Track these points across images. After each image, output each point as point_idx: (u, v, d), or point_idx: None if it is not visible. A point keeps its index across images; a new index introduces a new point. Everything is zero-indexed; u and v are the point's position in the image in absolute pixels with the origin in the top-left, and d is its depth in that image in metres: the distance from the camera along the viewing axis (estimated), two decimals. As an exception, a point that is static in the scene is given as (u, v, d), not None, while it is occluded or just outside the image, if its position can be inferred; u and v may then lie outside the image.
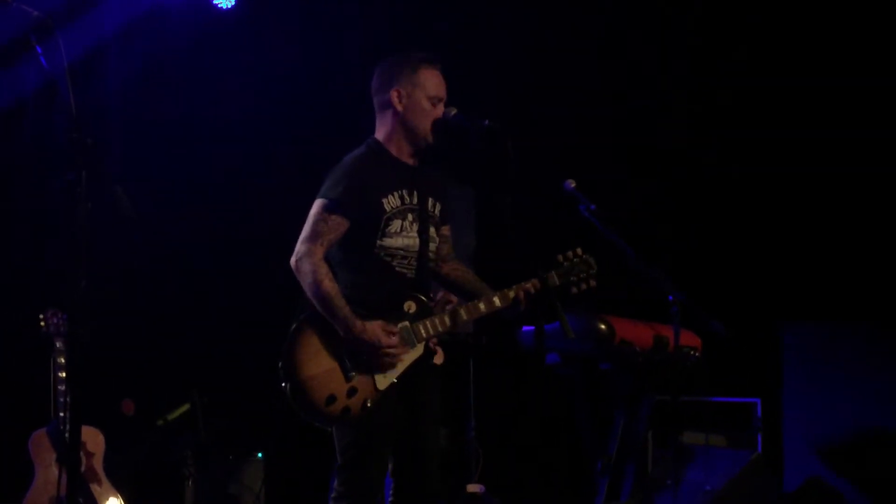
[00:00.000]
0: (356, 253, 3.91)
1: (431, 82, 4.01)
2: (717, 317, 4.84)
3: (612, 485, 5.29)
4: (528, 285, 3.99)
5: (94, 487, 5.34)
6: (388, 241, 3.92)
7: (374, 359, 3.82)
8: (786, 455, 6.40)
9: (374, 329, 3.81)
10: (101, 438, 5.45)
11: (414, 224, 3.99)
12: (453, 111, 3.99)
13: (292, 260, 3.88)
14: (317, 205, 3.92)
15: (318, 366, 3.78)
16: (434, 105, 3.99)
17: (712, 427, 6.04)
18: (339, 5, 7.10)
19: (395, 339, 3.84)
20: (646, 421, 5.54)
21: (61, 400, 5.21)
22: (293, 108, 7.04)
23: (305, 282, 3.83)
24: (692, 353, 4.92)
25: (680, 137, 7.03)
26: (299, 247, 3.88)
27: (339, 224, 3.87)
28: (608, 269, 4.28)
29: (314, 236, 3.86)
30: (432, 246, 4.06)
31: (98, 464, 5.41)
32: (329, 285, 3.80)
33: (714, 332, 4.86)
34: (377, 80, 4.08)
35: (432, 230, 4.06)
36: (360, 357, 3.82)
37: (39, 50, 3.38)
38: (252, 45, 7.00)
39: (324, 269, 3.82)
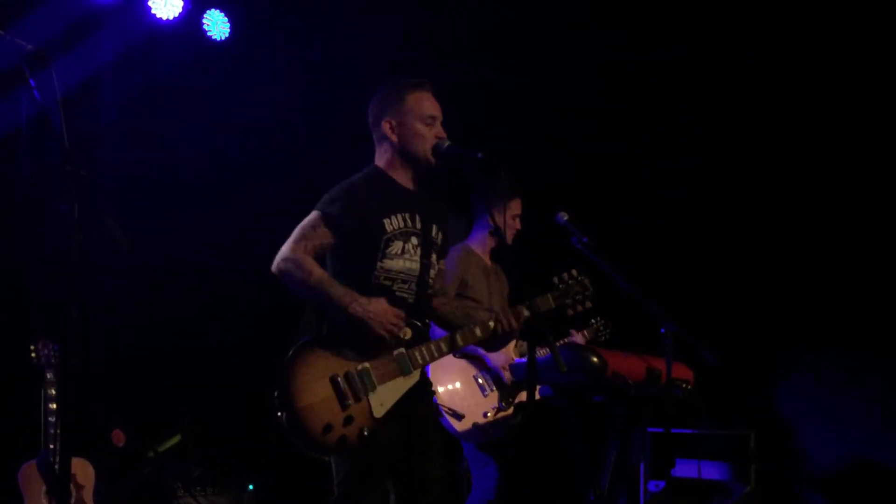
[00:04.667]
0: (356, 276, 3.89)
1: (421, 104, 4.01)
2: (710, 348, 4.84)
3: (604, 517, 5.27)
4: (516, 312, 4.01)
5: (84, 519, 5.31)
6: (388, 263, 3.92)
7: (380, 330, 3.77)
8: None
9: (381, 303, 3.79)
10: (91, 470, 5.41)
11: (417, 248, 3.98)
12: (447, 142, 3.99)
13: (274, 266, 3.87)
14: (311, 214, 3.94)
15: (314, 395, 3.74)
16: (429, 125, 4.00)
17: (705, 459, 6.03)
18: (333, 36, 7.14)
19: (401, 317, 3.82)
20: (638, 453, 5.52)
21: (51, 431, 5.18)
22: (287, 138, 7.07)
23: (294, 278, 3.82)
24: (684, 385, 4.91)
25: (675, 165, 7.06)
26: (283, 249, 3.88)
27: (325, 236, 3.88)
28: (601, 301, 4.29)
29: (299, 239, 3.88)
30: (432, 272, 4.05)
31: (88, 495, 5.37)
32: (318, 272, 3.80)
33: (707, 364, 4.85)
34: (370, 114, 4.10)
35: (434, 257, 4.05)
36: (358, 383, 3.78)
37: (33, 83, 3.38)
38: (246, 76, 7.03)
39: (308, 260, 3.82)
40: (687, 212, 7.02)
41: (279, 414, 3.75)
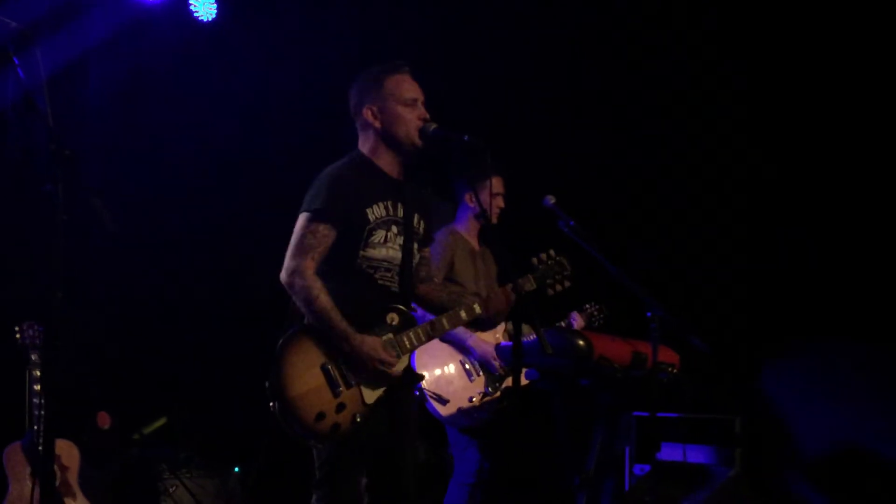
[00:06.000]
0: (339, 263, 3.88)
1: (400, 87, 4.00)
2: (698, 332, 4.85)
3: (589, 501, 5.28)
4: (505, 291, 4.04)
5: (69, 501, 5.30)
6: (370, 252, 3.91)
7: (371, 371, 3.80)
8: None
9: (374, 343, 3.80)
10: (76, 452, 5.41)
11: (398, 237, 3.97)
12: (433, 126, 3.97)
13: (283, 276, 3.83)
14: (301, 218, 3.89)
15: (306, 383, 3.74)
16: (410, 106, 3.98)
17: (691, 443, 6.05)
18: (320, 17, 7.11)
19: (392, 355, 3.83)
20: (624, 437, 5.54)
21: (36, 413, 5.17)
22: (274, 120, 7.04)
23: (299, 298, 3.80)
24: (670, 369, 4.92)
25: (667, 150, 7.06)
26: (288, 263, 3.83)
27: (326, 235, 3.85)
28: (588, 284, 4.29)
29: (302, 251, 3.83)
30: (415, 261, 4.05)
31: (73, 477, 5.36)
32: (324, 300, 3.77)
33: (695, 348, 4.86)
34: (350, 102, 4.08)
35: (416, 245, 4.05)
36: (350, 371, 3.79)
37: (17, 61, 3.36)
38: (233, 57, 7.00)
39: (318, 285, 3.79)
40: (678, 198, 7.02)
41: (271, 404, 3.75)
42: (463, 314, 4.04)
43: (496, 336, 5.51)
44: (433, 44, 6.98)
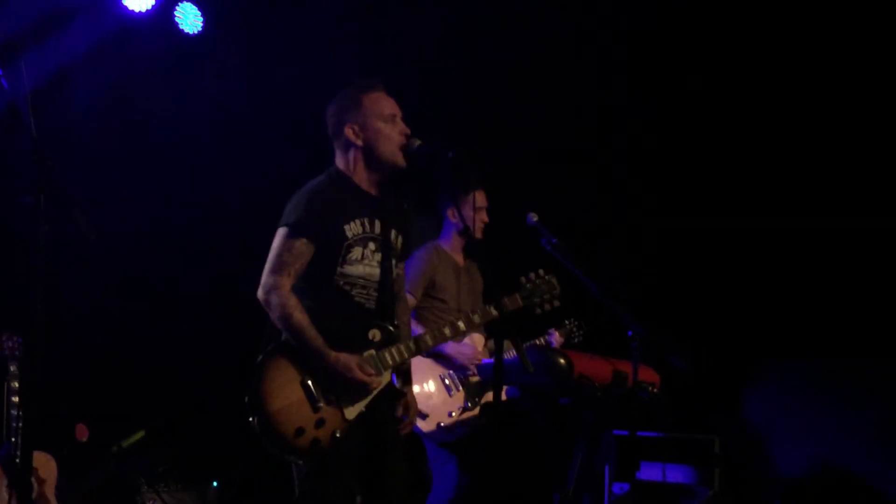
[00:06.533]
0: (315, 280, 3.88)
1: (378, 104, 4.00)
2: (678, 353, 4.86)
3: (568, 519, 5.28)
4: (485, 311, 4.06)
5: (46, 514, 5.28)
6: (348, 269, 3.90)
7: (350, 387, 3.79)
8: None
9: (348, 360, 3.78)
10: (53, 464, 5.38)
11: (376, 253, 3.97)
12: (417, 142, 3.98)
13: (259, 293, 3.83)
14: (279, 234, 3.88)
15: (286, 398, 3.73)
16: (390, 122, 3.99)
17: (670, 462, 6.06)
18: (304, 30, 7.11)
19: (369, 372, 3.81)
20: (604, 456, 5.54)
21: (14, 425, 5.14)
22: (258, 134, 7.04)
23: (275, 315, 3.80)
24: (650, 388, 4.93)
25: (648, 172, 7.08)
26: (265, 279, 3.83)
27: (303, 251, 3.84)
28: (572, 302, 4.31)
29: (279, 267, 3.82)
30: (392, 277, 4.04)
31: (50, 490, 5.33)
32: (299, 317, 3.77)
33: (675, 368, 4.87)
34: (329, 126, 4.07)
35: (394, 261, 4.04)
36: (329, 387, 3.78)
37: (1, 72, 3.35)
38: (218, 70, 6.99)
39: (293, 302, 3.78)
40: (662, 213, 7.04)
41: (251, 419, 3.73)
42: (447, 331, 4.05)
43: (477, 353, 5.51)
44: (416, 56, 6.99)
